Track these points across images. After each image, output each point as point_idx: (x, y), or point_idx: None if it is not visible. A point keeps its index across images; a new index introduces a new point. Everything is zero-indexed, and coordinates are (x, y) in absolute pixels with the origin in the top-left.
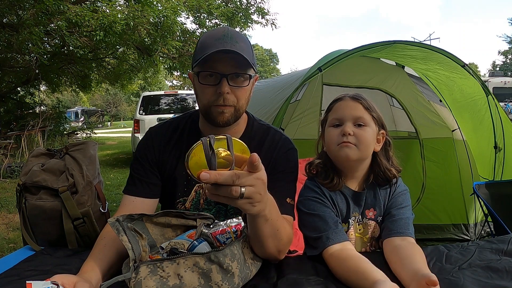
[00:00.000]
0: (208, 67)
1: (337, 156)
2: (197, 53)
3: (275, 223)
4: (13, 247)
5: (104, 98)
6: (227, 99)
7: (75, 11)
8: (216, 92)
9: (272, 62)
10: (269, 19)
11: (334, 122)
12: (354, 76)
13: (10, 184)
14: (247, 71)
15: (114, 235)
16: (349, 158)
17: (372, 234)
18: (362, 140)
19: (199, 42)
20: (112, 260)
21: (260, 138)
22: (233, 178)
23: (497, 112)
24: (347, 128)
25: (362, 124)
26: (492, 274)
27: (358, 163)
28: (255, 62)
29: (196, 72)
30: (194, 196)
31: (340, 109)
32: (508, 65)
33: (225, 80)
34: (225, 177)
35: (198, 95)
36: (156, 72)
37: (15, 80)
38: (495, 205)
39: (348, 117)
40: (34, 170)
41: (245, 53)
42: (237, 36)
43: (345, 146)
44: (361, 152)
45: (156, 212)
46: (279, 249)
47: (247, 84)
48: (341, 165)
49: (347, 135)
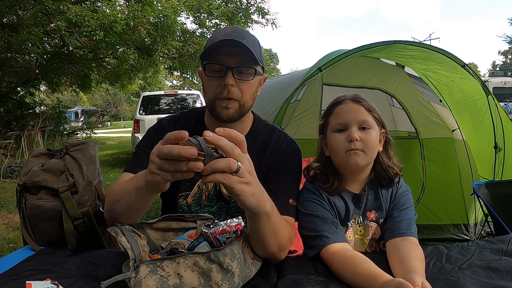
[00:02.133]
0: (215, 60)
1: (346, 164)
2: (205, 47)
3: (276, 221)
4: (13, 247)
5: (104, 98)
6: (232, 91)
7: (75, 11)
8: (221, 85)
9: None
10: (269, 19)
11: (337, 127)
12: (354, 76)
13: (10, 184)
14: (252, 66)
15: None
16: (358, 166)
17: (372, 236)
18: (369, 145)
19: (209, 38)
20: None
21: (264, 138)
22: (232, 146)
23: (497, 112)
24: (353, 133)
25: (367, 127)
26: (492, 274)
27: (365, 168)
28: (263, 61)
29: (203, 65)
30: (197, 191)
31: (343, 113)
32: (508, 65)
33: (230, 72)
34: (225, 143)
35: (205, 88)
36: (156, 72)
37: (15, 80)
38: (495, 205)
39: (353, 122)
40: (34, 170)
41: (252, 48)
42: (245, 33)
43: (353, 154)
44: (369, 157)
45: (155, 219)
46: (280, 248)
47: (251, 78)
48: (347, 171)
49: (354, 141)
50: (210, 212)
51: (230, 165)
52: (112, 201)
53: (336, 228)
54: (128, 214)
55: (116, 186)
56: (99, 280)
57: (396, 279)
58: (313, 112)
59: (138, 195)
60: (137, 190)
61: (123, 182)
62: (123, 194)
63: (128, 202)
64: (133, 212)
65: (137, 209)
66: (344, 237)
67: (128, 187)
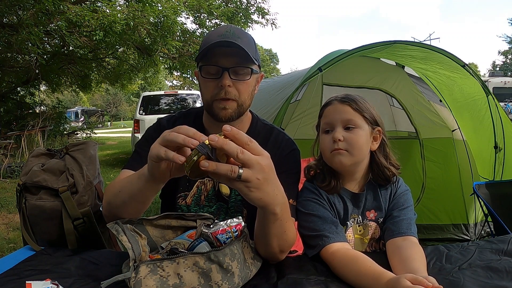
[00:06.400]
0: (210, 61)
1: (331, 163)
2: (200, 49)
3: (284, 224)
4: (13, 247)
5: (104, 98)
6: (229, 92)
7: (75, 11)
8: (218, 86)
9: (272, 62)
10: (269, 19)
11: (325, 128)
12: (354, 76)
13: (10, 184)
14: (248, 65)
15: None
16: (342, 165)
17: (372, 235)
18: (354, 144)
19: (204, 39)
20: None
21: (263, 138)
22: (238, 150)
23: (497, 112)
24: (336, 134)
25: (352, 127)
26: (492, 274)
27: (354, 167)
28: (259, 59)
29: (199, 67)
30: (196, 191)
31: (330, 114)
32: (508, 65)
33: (226, 73)
34: (231, 146)
35: (201, 89)
36: (156, 72)
37: (15, 80)
38: (495, 205)
39: (337, 122)
40: (34, 170)
41: (246, 48)
42: (239, 32)
43: (337, 153)
44: (354, 156)
45: (155, 216)
46: (282, 250)
47: (248, 78)
48: (338, 170)
49: (337, 142)
50: (209, 212)
51: (231, 172)
52: (111, 194)
53: (336, 227)
54: (127, 207)
55: (115, 182)
56: (99, 280)
57: (405, 275)
58: (313, 112)
59: (140, 183)
60: (139, 177)
61: (125, 177)
62: (124, 184)
63: (129, 192)
64: (133, 204)
65: (137, 200)
66: (344, 237)
67: (131, 177)
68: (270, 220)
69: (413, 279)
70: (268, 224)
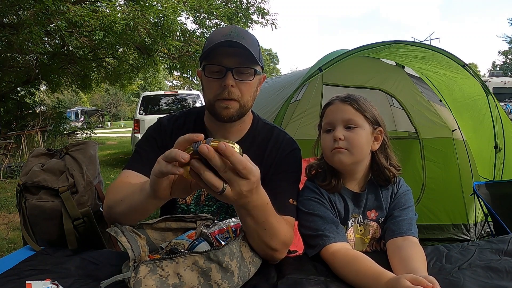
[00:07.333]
0: (214, 61)
1: (332, 162)
2: (204, 48)
3: (261, 218)
4: (13, 247)
5: (104, 98)
6: (232, 92)
7: (75, 11)
8: (221, 86)
9: (272, 62)
10: (269, 19)
11: (326, 128)
12: (354, 76)
13: (10, 184)
14: (252, 66)
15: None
16: (342, 164)
17: (373, 235)
18: (354, 144)
19: (207, 38)
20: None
21: (264, 137)
22: (222, 169)
23: (497, 112)
24: (337, 133)
25: (353, 126)
26: (492, 274)
27: (354, 166)
28: (262, 60)
29: (202, 66)
30: (196, 191)
31: (331, 114)
32: (508, 65)
33: (230, 73)
34: (217, 160)
35: (204, 89)
36: (156, 72)
37: (15, 80)
38: (495, 205)
39: (338, 121)
40: (34, 170)
41: (251, 48)
42: (244, 33)
43: (337, 152)
44: (355, 156)
45: (155, 219)
46: (272, 247)
47: (251, 78)
48: (339, 169)
49: (338, 140)
50: (210, 211)
51: (214, 185)
52: (114, 199)
53: (337, 227)
54: (128, 215)
55: (119, 186)
56: (99, 280)
57: (405, 275)
58: (313, 112)
59: (141, 197)
60: (141, 191)
61: (128, 183)
62: (127, 194)
63: (130, 203)
64: (133, 214)
65: (137, 212)
66: (344, 237)
67: (134, 188)
68: (243, 214)
69: (413, 279)
70: (243, 218)
